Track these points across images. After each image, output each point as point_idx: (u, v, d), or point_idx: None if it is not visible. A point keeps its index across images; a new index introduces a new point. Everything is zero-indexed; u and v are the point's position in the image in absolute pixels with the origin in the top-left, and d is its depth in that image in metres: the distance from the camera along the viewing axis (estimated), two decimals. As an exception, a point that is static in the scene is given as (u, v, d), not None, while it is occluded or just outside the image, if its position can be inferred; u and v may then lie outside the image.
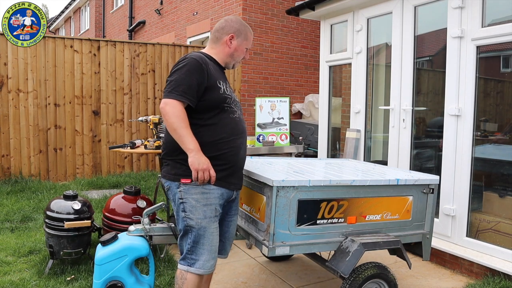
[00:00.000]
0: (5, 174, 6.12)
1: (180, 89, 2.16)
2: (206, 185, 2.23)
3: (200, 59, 2.24)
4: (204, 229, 2.25)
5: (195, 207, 2.23)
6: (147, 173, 7.00)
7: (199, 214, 2.24)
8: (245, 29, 2.45)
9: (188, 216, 2.24)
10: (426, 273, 3.58)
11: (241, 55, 2.47)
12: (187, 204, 2.24)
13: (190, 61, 2.22)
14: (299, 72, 8.99)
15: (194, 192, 2.23)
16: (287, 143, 5.25)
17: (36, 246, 3.77)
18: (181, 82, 2.18)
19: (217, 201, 2.29)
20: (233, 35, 2.40)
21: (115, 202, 3.56)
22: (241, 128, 2.40)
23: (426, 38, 4.31)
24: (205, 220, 2.25)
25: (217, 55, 2.43)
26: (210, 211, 2.26)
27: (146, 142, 3.94)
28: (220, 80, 2.33)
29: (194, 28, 9.93)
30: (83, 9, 20.36)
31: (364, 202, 2.69)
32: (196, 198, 2.24)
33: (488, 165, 3.79)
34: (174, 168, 2.28)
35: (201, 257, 2.27)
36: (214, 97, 2.26)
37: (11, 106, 6.13)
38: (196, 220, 2.24)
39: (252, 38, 2.49)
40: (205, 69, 2.23)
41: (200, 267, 2.26)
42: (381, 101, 4.76)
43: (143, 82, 7.14)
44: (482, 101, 3.77)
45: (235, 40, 2.41)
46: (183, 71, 2.20)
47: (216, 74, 2.32)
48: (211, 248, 2.29)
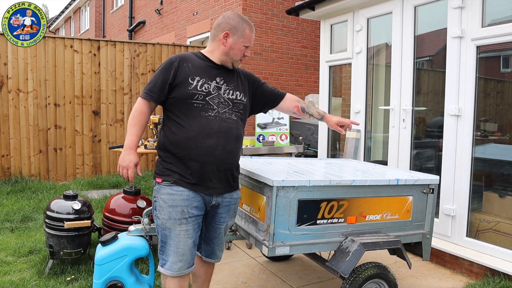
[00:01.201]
0: (5, 174, 6.12)
1: (147, 87, 2.25)
2: (173, 186, 2.20)
3: (175, 58, 2.26)
4: (169, 230, 2.20)
5: (162, 207, 2.21)
6: (147, 173, 7.00)
7: (164, 214, 2.20)
8: (242, 25, 2.30)
9: (157, 214, 2.25)
10: (426, 273, 3.58)
11: (239, 53, 2.31)
12: (157, 203, 2.24)
13: (165, 61, 2.28)
14: (299, 72, 8.99)
15: (163, 192, 2.22)
16: (287, 143, 5.26)
17: (36, 246, 3.77)
18: (150, 81, 2.27)
19: (184, 203, 2.19)
20: (228, 32, 2.28)
21: (115, 202, 3.56)
22: (216, 127, 2.22)
23: (426, 38, 4.31)
24: (170, 221, 2.19)
25: (213, 53, 2.33)
26: (176, 213, 2.18)
27: (146, 142, 3.94)
28: (197, 77, 2.23)
29: (194, 28, 9.93)
30: (83, 9, 20.37)
31: (364, 202, 2.69)
32: (164, 198, 2.21)
33: (488, 165, 3.79)
34: (156, 166, 2.31)
35: (169, 258, 2.23)
36: (180, 93, 2.21)
37: (11, 106, 6.13)
38: (162, 220, 2.21)
39: (252, 35, 2.34)
40: (175, 67, 2.22)
41: (168, 268, 2.22)
42: (381, 101, 4.76)
43: (143, 82, 7.13)
44: (482, 101, 3.77)
45: (230, 38, 2.28)
46: (156, 71, 2.29)
47: (195, 71, 2.24)
48: (177, 251, 2.21)
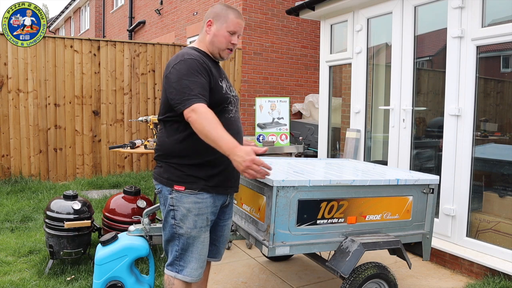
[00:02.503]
0: (5, 174, 6.12)
1: (194, 92, 2.00)
2: (200, 193, 2.12)
3: (199, 57, 2.10)
4: (193, 238, 2.16)
5: (186, 216, 2.13)
6: (147, 173, 7.00)
7: (189, 223, 2.13)
8: (226, 11, 2.20)
9: (178, 224, 2.14)
10: (426, 273, 3.58)
11: (223, 40, 2.18)
12: (178, 212, 2.14)
13: (188, 62, 2.06)
14: (299, 72, 8.99)
15: (186, 201, 2.12)
16: (287, 143, 5.26)
17: (36, 246, 3.77)
18: (192, 85, 2.01)
19: (209, 210, 2.18)
20: (211, 20, 2.20)
21: (115, 202, 3.56)
22: (236, 128, 2.23)
23: (426, 38, 4.31)
24: (195, 230, 2.15)
25: (203, 45, 2.23)
26: (202, 221, 2.16)
27: (146, 142, 3.94)
28: (219, 78, 2.19)
29: (194, 28, 9.93)
30: (83, 9, 20.37)
31: (364, 202, 2.69)
32: (188, 207, 2.13)
33: (488, 165, 3.79)
34: (167, 171, 2.16)
35: (189, 265, 2.19)
36: (216, 97, 2.11)
37: (11, 106, 6.13)
38: (186, 229, 2.14)
39: (237, 21, 2.20)
40: (207, 69, 2.10)
41: (188, 274, 2.18)
42: (381, 101, 4.76)
43: (143, 82, 7.14)
44: (482, 101, 3.77)
45: (214, 25, 2.19)
46: (189, 75, 2.03)
47: (214, 72, 2.17)
48: (200, 257, 2.20)
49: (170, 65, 2.12)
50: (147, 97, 7.18)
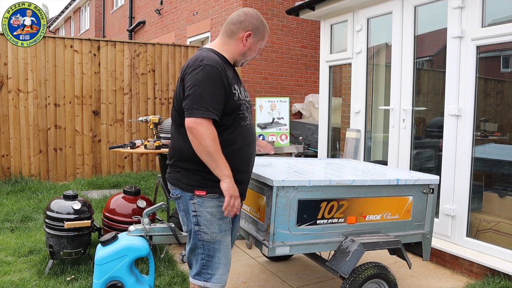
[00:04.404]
0: (5, 174, 6.12)
1: (206, 104, 1.97)
2: (221, 197, 2.08)
3: (218, 65, 2.04)
4: (219, 243, 2.15)
5: (210, 221, 2.11)
6: (147, 173, 7.00)
7: (214, 228, 2.13)
8: (263, 27, 2.23)
9: (203, 230, 2.13)
10: (426, 273, 3.58)
11: (253, 54, 2.27)
12: (202, 217, 2.12)
13: (209, 70, 2.01)
14: (299, 72, 9.00)
15: (209, 205, 2.11)
16: (287, 143, 5.26)
17: (36, 246, 3.77)
18: (206, 96, 1.98)
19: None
20: (251, 32, 2.18)
21: (115, 202, 3.57)
22: (251, 135, 2.23)
23: (426, 38, 4.31)
24: (220, 234, 2.15)
25: (228, 52, 2.20)
26: (225, 224, 2.17)
27: (146, 142, 3.94)
28: (235, 85, 2.16)
29: (194, 28, 9.93)
30: (83, 9, 20.37)
31: (364, 202, 2.69)
32: (211, 211, 2.11)
33: (488, 165, 3.79)
34: (186, 177, 2.12)
35: (217, 271, 2.17)
36: (229, 104, 2.08)
37: (11, 106, 6.13)
38: (211, 234, 2.13)
39: (267, 38, 2.31)
40: (225, 78, 2.05)
41: (217, 281, 2.17)
42: (381, 101, 4.76)
43: (143, 82, 7.14)
44: (482, 101, 3.77)
45: (251, 38, 2.19)
46: (206, 83, 1.99)
47: (231, 79, 2.13)
48: (227, 262, 2.20)
49: (188, 68, 2.07)
50: (147, 97, 7.18)
